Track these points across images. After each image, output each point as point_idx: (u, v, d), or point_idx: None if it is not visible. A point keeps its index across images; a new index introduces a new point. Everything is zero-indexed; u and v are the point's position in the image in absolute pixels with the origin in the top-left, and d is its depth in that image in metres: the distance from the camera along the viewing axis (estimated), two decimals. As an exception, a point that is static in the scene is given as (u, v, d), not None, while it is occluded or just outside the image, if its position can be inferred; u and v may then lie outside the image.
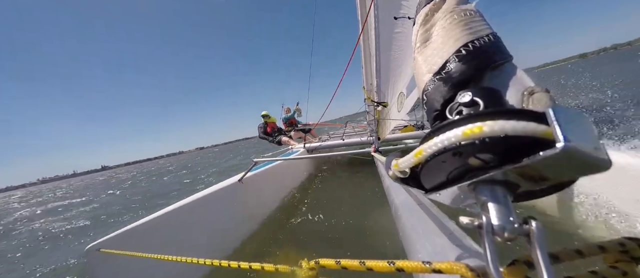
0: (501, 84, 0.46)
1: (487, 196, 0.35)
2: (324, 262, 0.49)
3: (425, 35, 0.70)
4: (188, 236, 2.25)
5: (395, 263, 0.44)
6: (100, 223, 6.11)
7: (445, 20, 0.64)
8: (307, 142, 5.39)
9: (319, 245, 2.63)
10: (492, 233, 0.33)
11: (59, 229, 6.26)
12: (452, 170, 0.38)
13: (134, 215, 6.09)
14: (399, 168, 0.43)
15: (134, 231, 1.88)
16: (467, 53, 0.51)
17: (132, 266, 1.77)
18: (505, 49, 0.52)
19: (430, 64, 0.58)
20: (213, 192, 2.64)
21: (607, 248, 0.38)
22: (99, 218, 6.68)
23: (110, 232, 1.85)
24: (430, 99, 0.54)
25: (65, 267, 3.53)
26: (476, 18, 0.59)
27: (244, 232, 2.86)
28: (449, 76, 0.52)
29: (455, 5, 0.66)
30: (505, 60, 0.50)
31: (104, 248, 1.62)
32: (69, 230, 6.05)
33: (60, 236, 5.59)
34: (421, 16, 0.73)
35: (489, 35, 0.52)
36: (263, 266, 0.58)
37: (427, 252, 0.72)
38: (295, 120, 7.26)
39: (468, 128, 0.31)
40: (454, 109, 0.43)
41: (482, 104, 0.40)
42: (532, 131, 0.28)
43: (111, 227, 5.72)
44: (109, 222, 6.05)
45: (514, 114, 0.30)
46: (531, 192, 0.38)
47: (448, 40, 0.58)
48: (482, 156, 0.33)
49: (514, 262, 0.36)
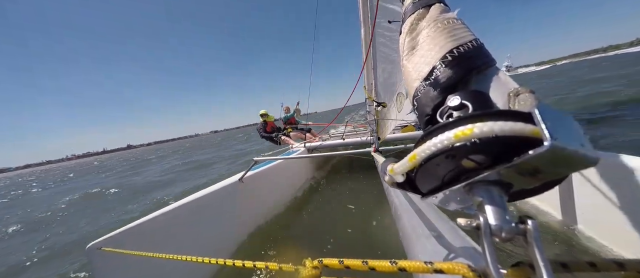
0: (487, 87, 0.47)
1: (482, 197, 0.35)
2: (328, 262, 0.48)
3: (411, 43, 0.71)
4: (190, 235, 2.20)
5: (398, 263, 0.44)
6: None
7: (430, 28, 0.66)
8: (307, 142, 5.26)
9: (321, 244, 2.59)
10: (490, 234, 0.32)
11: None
12: (446, 173, 0.38)
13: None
14: (395, 173, 0.42)
15: (135, 230, 1.84)
16: (452, 59, 0.53)
17: (134, 265, 1.72)
18: (488, 53, 0.53)
19: (419, 71, 0.60)
20: (214, 191, 2.58)
21: (626, 266, 0.35)
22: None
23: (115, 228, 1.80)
24: (421, 104, 0.55)
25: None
26: (458, 26, 0.61)
27: (245, 231, 2.80)
28: (437, 81, 0.53)
29: (438, 14, 0.68)
30: (489, 64, 0.51)
31: (105, 247, 1.57)
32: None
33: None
34: (407, 25, 0.75)
35: (472, 41, 0.54)
36: (267, 265, 0.57)
37: (427, 252, 0.72)
38: (295, 119, 6.98)
39: (459, 130, 0.31)
40: (445, 113, 0.44)
41: (470, 106, 0.40)
42: (520, 131, 0.28)
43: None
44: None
45: (502, 114, 0.30)
46: (525, 190, 0.39)
47: (434, 47, 0.60)
48: (475, 157, 0.33)
49: (518, 263, 0.35)
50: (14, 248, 4.64)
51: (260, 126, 6.73)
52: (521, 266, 0.34)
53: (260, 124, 6.73)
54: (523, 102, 0.36)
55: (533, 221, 0.31)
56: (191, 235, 2.21)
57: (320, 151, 4.96)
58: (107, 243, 1.63)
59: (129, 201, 6.90)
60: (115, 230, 1.77)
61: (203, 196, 2.45)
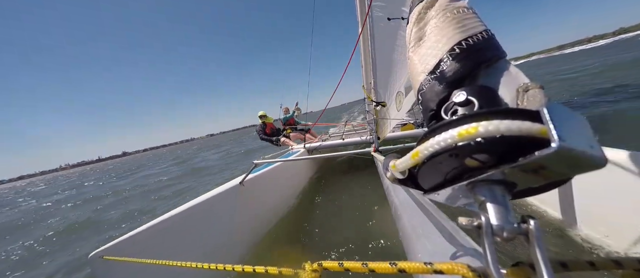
0: (495, 81, 0.44)
1: (485, 196, 0.34)
2: (327, 264, 0.48)
3: (419, 33, 0.67)
4: (191, 240, 2.20)
5: (397, 265, 0.43)
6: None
7: (438, 18, 0.62)
8: (307, 142, 5.23)
9: (321, 246, 2.58)
10: (491, 234, 0.32)
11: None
12: (449, 171, 0.37)
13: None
14: (397, 169, 0.42)
15: (136, 237, 1.85)
16: (460, 51, 0.49)
17: (137, 272, 1.73)
18: (498, 45, 0.49)
19: (425, 64, 0.56)
20: (215, 195, 2.57)
21: (624, 264, 0.36)
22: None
23: (116, 235, 1.83)
24: (426, 99, 0.53)
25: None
26: (469, 15, 0.57)
27: (246, 234, 2.79)
28: (443, 75, 0.50)
29: (448, 3, 0.63)
30: (499, 57, 0.48)
31: (107, 256, 1.59)
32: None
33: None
34: (414, 14, 0.71)
35: (482, 32, 0.50)
36: (267, 269, 0.57)
37: (427, 252, 0.70)
38: (294, 120, 6.89)
39: (464, 129, 0.30)
40: (449, 109, 0.42)
41: (476, 103, 0.38)
42: (527, 130, 0.27)
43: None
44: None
45: (509, 113, 0.29)
46: (529, 189, 0.37)
47: (441, 38, 0.56)
48: (479, 157, 0.31)
49: (517, 263, 0.35)
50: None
51: (259, 128, 6.61)
52: (521, 266, 0.34)
53: (259, 126, 6.62)
54: (532, 99, 0.33)
55: (535, 221, 0.30)
56: (192, 241, 2.21)
57: (320, 152, 4.92)
58: (109, 252, 1.64)
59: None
60: (117, 239, 1.79)
61: (204, 201, 2.44)
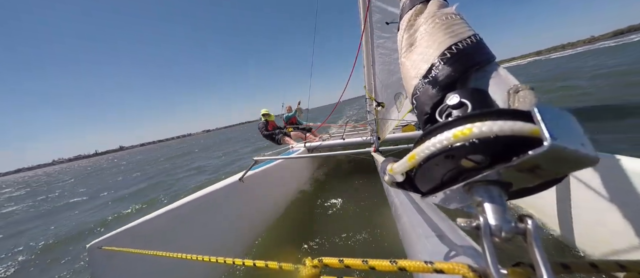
0: (486, 84, 0.45)
1: (482, 196, 0.34)
2: (328, 261, 0.47)
3: (410, 39, 0.69)
4: (190, 234, 2.19)
5: (398, 263, 0.43)
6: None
7: (428, 24, 0.64)
8: (307, 141, 5.17)
9: (321, 243, 2.58)
10: (490, 234, 0.32)
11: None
12: (446, 173, 0.37)
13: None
14: (394, 173, 0.41)
15: (136, 229, 1.83)
16: (451, 56, 0.51)
17: (134, 264, 1.72)
18: (487, 49, 0.51)
19: (417, 68, 0.58)
20: (214, 190, 2.57)
21: (628, 267, 0.35)
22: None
23: (114, 228, 1.79)
24: (420, 103, 0.54)
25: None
26: (457, 21, 0.59)
27: (246, 230, 2.79)
28: (436, 79, 0.51)
29: (436, 10, 0.66)
30: (489, 60, 0.49)
31: (106, 246, 1.56)
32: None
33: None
34: (405, 21, 0.73)
35: (471, 37, 0.52)
36: (267, 264, 0.56)
37: (427, 252, 0.70)
38: (296, 119, 6.87)
39: (458, 130, 0.30)
40: (444, 111, 0.43)
41: (470, 105, 0.39)
42: (520, 130, 0.28)
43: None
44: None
45: (502, 114, 0.29)
46: (525, 189, 0.38)
47: (432, 44, 0.58)
48: (474, 157, 0.32)
49: (518, 263, 0.35)
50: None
51: (261, 125, 6.66)
52: (521, 266, 0.34)
53: (262, 123, 6.67)
54: (523, 100, 0.35)
55: (533, 220, 0.30)
56: (191, 234, 2.21)
57: (320, 151, 4.88)
58: (107, 243, 1.62)
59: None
60: (116, 230, 1.76)
61: (203, 195, 2.43)
